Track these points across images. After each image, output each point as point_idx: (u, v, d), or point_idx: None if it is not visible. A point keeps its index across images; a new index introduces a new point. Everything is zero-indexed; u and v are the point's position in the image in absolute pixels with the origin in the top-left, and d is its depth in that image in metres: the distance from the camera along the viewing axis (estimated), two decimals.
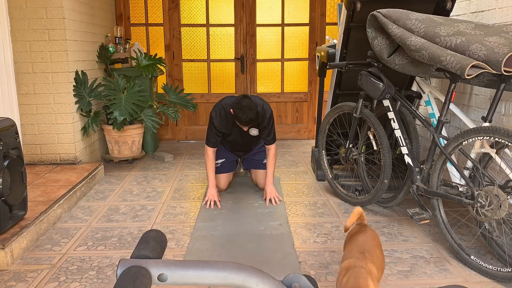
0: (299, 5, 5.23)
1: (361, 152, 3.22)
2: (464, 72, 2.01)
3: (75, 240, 2.62)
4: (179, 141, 5.46)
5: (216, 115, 3.13)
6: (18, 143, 2.47)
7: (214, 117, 3.13)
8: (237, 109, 2.91)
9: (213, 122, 3.14)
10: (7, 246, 2.27)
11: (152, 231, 0.76)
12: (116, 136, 4.20)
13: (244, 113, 2.89)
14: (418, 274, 2.20)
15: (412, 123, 2.90)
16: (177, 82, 5.30)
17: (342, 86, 3.51)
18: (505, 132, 2.00)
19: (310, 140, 5.48)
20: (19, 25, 3.56)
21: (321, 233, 2.70)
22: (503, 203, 2.04)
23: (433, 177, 2.43)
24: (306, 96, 5.41)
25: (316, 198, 3.34)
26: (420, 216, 2.46)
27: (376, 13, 2.58)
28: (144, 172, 4.08)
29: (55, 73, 3.65)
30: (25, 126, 3.72)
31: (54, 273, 2.23)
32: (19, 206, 2.48)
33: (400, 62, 2.59)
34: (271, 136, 3.21)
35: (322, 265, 2.29)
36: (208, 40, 5.26)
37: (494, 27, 2.30)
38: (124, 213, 3.04)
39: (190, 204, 3.21)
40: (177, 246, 2.54)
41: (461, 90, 3.09)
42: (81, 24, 3.95)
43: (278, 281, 0.71)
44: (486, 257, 2.35)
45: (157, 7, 5.19)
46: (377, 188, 2.91)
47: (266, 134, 3.20)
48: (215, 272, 0.67)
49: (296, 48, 5.34)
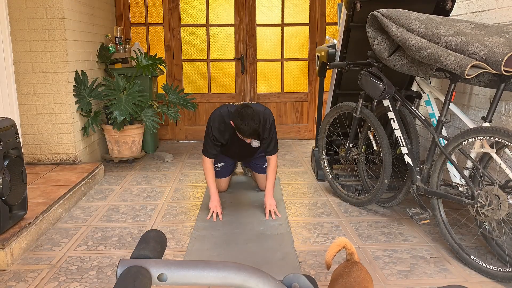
0: (299, 5, 5.23)
1: (361, 152, 3.22)
2: (464, 72, 2.01)
3: (75, 240, 2.62)
4: (179, 141, 5.46)
5: (213, 126, 2.92)
6: (18, 143, 2.47)
7: (211, 127, 2.93)
8: (238, 120, 2.68)
9: (210, 133, 2.94)
10: (7, 246, 2.27)
11: (152, 231, 0.76)
12: (116, 136, 4.20)
13: (246, 125, 2.66)
14: (418, 274, 2.20)
15: (412, 123, 2.90)
16: (177, 82, 5.30)
17: (342, 86, 3.51)
18: (505, 132, 2.00)
19: (310, 140, 5.48)
20: (19, 25, 3.56)
21: (321, 233, 2.70)
22: (503, 203, 2.04)
23: (433, 177, 2.43)
24: (306, 96, 5.41)
25: (316, 198, 3.34)
26: (420, 216, 2.46)
27: (376, 13, 2.57)
28: (144, 172, 4.08)
29: (55, 73, 3.65)
30: (25, 126, 3.72)
31: (54, 273, 2.23)
32: (19, 206, 2.48)
33: (400, 62, 2.59)
34: (272, 146, 2.98)
35: (322, 265, 2.29)
36: (208, 40, 5.26)
37: (494, 27, 2.30)
38: (124, 213, 3.04)
39: (190, 204, 3.21)
40: (177, 246, 2.54)
41: (461, 90, 3.09)
42: (81, 24, 3.95)
43: (278, 281, 0.71)
44: (486, 257, 2.35)
45: (157, 7, 5.19)
46: (377, 188, 2.91)
47: (266, 145, 2.98)
48: (215, 272, 0.67)
49: (296, 48, 5.34)
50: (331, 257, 1.56)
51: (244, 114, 2.67)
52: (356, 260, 1.57)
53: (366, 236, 2.65)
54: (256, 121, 2.68)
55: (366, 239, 2.60)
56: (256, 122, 2.68)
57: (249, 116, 2.67)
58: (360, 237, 2.63)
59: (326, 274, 2.20)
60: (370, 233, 2.69)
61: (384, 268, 2.25)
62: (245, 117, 2.66)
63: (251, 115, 2.68)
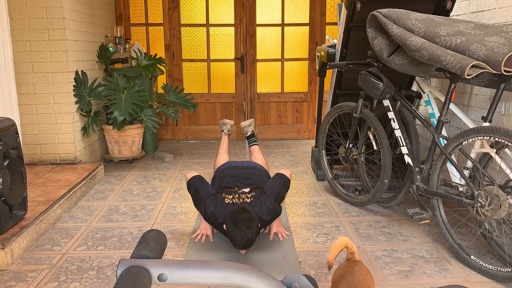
0: (299, 5, 5.23)
1: (361, 152, 3.22)
2: (464, 72, 2.01)
3: (75, 240, 2.62)
4: (179, 141, 5.46)
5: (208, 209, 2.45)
6: (18, 143, 2.47)
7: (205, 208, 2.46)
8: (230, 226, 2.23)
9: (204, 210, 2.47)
10: (7, 246, 2.27)
11: (152, 231, 0.76)
12: (116, 136, 4.20)
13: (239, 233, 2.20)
14: (418, 274, 2.19)
15: (412, 123, 2.90)
16: (177, 82, 5.30)
17: (342, 86, 3.51)
18: (505, 132, 2.00)
19: (310, 140, 5.48)
20: (19, 25, 3.56)
21: (321, 233, 2.70)
22: (503, 203, 2.04)
23: (433, 177, 2.43)
24: (306, 96, 5.41)
25: (316, 198, 3.34)
26: (420, 216, 2.46)
27: (376, 13, 2.58)
28: (144, 172, 4.08)
29: (55, 73, 3.65)
30: (25, 126, 3.72)
31: (54, 273, 2.22)
32: (19, 206, 2.48)
33: (400, 62, 2.59)
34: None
35: (322, 265, 2.29)
36: (208, 40, 5.26)
37: (494, 27, 2.30)
38: (124, 213, 3.04)
39: (190, 204, 3.21)
40: (177, 246, 2.54)
41: (461, 90, 3.09)
42: (81, 24, 3.95)
43: (278, 281, 0.71)
44: (486, 257, 2.35)
45: (157, 7, 5.19)
46: (377, 188, 2.91)
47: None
48: (215, 272, 0.67)
49: (296, 48, 5.34)
50: (334, 257, 1.54)
51: (239, 220, 2.22)
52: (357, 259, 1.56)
53: (366, 236, 2.65)
54: (252, 230, 2.21)
55: (366, 239, 2.60)
56: (251, 231, 2.21)
57: (244, 222, 2.21)
58: (360, 237, 2.63)
59: (326, 274, 2.20)
60: (370, 233, 2.69)
61: (384, 268, 2.25)
62: (239, 224, 2.21)
63: (247, 221, 2.21)
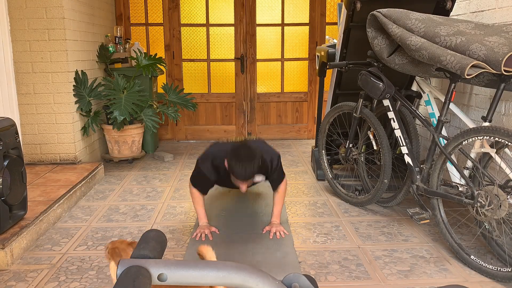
0: (299, 5, 5.23)
1: (361, 152, 3.22)
2: (464, 71, 2.01)
3: (75, 240, 2.62)
4: (179, 141, 5.46)
5: (204, 168, 2.54)
6: (18, 143, 2.47)
7: (202, 168, 2.55)
8: (233, 161, 2.29)
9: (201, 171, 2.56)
10: (7, 246, 2.27)
11: (152, 231, 0.76)
12: (116, 136, 4.20)
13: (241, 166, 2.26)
14: (418, 274, 2.20)
15: (412, 123, 2.90)
16: (177, 82, 5.30)
17: (342, 86, 3.51)
18: (505, 132, 2.00)
19: (310, 140, 5.48)
20: (19, 25, 3.56)
21: (321, 233, 2.70)
22: (503, 202, 2.04)
23: (433, 177, 2.43)
24: (306, 96, 5.41)
25: (316, 198, 3.34)
26: (420, 216, 2.46)
27: (376, 13, 2.58)
28: (144, 172, 4.08)
29: (55, 73, 3.65)
30: (25, 126, 3.72)
31: (54, 273, 2.23)
32: (19, 206, 2.48)
33: (400, 62, 2.59)
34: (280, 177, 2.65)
35: (322, 265, 2.29)
36: (208, 40, 5.26)
37: (494, 27, 2.30)
38: (124, 213, 3.04)
39: (190, 204, 3.21)
40: (177, 246, 2.54)
41: (461, 90, 3.09)
42: (81, 24, 3.95)
43: (278, 281, 0.71)
44: (486, 257, 2.35)
45: (157, 7, 5.19)
46: (377, 188, 2.91)
47: (274, 178, 2.64)
48: (215, 272, 0.67)
49: (296, 48, 5.34)
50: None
51: (241, 154, 2.29)
52: None
53: (366, 236, 2.65)
54: (254, 163, 2.29)
55: (366, 239, 2.60)
56: (253, 164, 2.29)
57: (246, 157, 2.28)
58: (360, 237, 2.63)
59: (326, 274, 2.20)
60: (370, 233, 2.69)
61: (384, 268, 2.25)
62: (242, 158, 2.28)
63: (249, 155, 2.29)
